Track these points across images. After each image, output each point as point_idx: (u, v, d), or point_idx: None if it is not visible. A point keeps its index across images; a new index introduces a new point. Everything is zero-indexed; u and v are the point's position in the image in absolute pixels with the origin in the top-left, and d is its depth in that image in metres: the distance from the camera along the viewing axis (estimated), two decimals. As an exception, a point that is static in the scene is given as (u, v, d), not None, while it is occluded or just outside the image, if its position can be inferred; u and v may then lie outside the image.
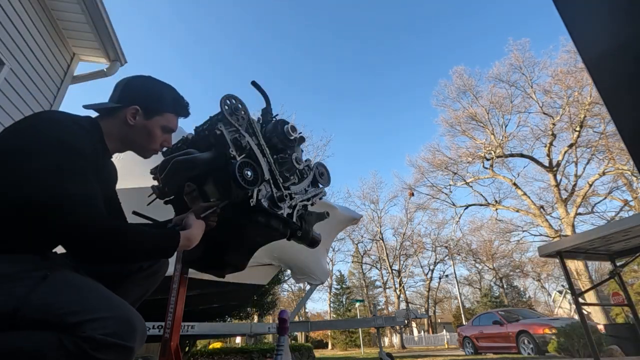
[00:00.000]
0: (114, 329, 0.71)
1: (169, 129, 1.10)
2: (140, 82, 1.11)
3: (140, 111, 1.04)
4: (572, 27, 0.46)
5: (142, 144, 1.08)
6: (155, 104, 1.07)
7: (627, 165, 14.08)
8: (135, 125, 1.04)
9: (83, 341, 0.68)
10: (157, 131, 1.07)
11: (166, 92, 1.11)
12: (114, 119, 1.03)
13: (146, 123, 1.05)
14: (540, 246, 3.23)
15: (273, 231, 1.13)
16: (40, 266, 0.78)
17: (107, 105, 1.04)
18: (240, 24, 55.16)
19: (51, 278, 0.75)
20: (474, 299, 33.02)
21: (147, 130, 1.06)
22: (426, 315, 28.93)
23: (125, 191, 2.79)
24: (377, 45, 50.58)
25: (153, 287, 1.13)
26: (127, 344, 0.72)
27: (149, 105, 1.06)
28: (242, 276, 4.29)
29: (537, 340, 7.68)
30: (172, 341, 1.32)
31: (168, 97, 1.11)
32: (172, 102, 1.11)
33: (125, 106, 1.03)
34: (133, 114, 1.03)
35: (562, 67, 16.16)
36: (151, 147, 1.10)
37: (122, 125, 1.03)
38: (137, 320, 0.76)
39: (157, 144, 1.10)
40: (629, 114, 0.42)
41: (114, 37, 3.90)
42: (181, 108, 1.13)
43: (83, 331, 0.69)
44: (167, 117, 1.09)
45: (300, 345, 7.47)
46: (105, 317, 0.72)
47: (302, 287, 24.49)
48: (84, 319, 0.70)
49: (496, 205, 18.97)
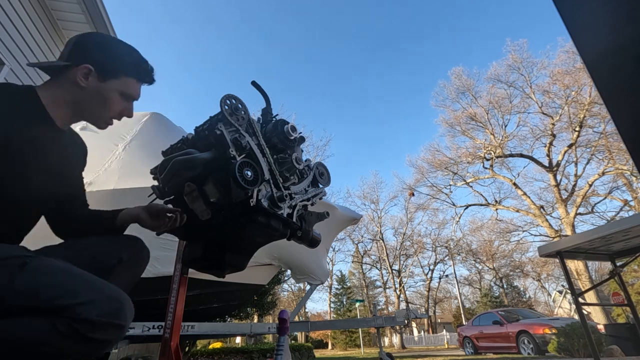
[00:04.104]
0: (105, 309, 0.71)
1: (128, 96, 0.96)
2: (96, 38, 0.95)
3: (93, 71, 0.89)
4: (572, 27, 0.46)
5: (96, 112, 0.93)
6: (112, 64, 0.92)
7: (627, 165, 14.08)
8: (87, 88, 0.89)
9: (77, 323, 0.68)
10: (113, 96, 0.92)
11: (126, 53, 0.96)
12: (62, 81, 0.89)
13: (100, 86, 0.90)
14: (540, 246, 3.23)
15: (273, 231, 1.13)
16: (15, 253, 0.76)
17: (54, 63, 0.90)
18: (240, 28, 55.17)
19: (32, 264, 0.74)
20: (474, 299, 33.03)
21: (102, 95, 0.91)
22: (426, 315, 28.93)
23: (126, 191, 2.80)
24: (377, 45, 50.59)
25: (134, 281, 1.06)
26: (120, 322, 0.72)
27: (104, 66, 0.90)
28: (242, 276, 4.29)
29: (537, 340, 7.68)
30: (172, 341, 1.32)
31: (128, 58, 0.96)
32: (133, 64, 0.96)
33: (76, 64, 0.88)
34: (85, 73, 0.89)
35: (560, 67, 16.18)
36: (107, 115, 0.95)
37: (71, 87, 0.89)
38: (125, 299, 0.76)
39: (115, 112, 0.96)
40: (628, 114, 0.42)
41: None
42: (143, 72, 0.98)
43: (76, 313, 0.68)
44: (127, 81, 0.94)
45: (300, 345, 7.47)
46: (96, 298, 0.71)
47: (302, 287, 24.50)
48: (76, 301, 0.69)
49: (496, 205, 18.97)
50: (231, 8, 54.70)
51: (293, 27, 53.64)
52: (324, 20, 52.11)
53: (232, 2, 54.26)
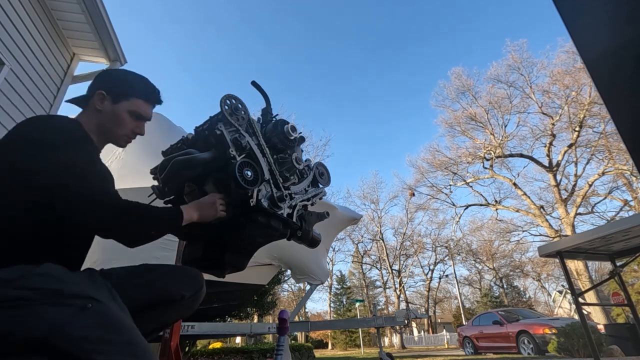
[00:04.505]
0: None
1: (137, 115, 1.09)
2: (109, 71, 1.15)
3: (106, 95, 1.05)
4: (572, 27, 0.46)
5: (112, 130, 1.07)
6: (121, 87, 1.08)
7: (627, 165, 14.08)
8: (103, 111, 1.04)
9: None
10: (124, 116, 1.07)
11: (135, 79, 1.12)
12: (88, 111, 1.05)
13: (114, 107, 1.05)
14: (540, 246, 3.23)
15: (273, 231, 1.13)
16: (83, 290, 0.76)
17: (81, 95, 1.06)
18: (240, 28, 55.19)
19: (93, 310, 0.73)
20: (474, 299, 33.02)
21: (115, 115, 1.05)
22: (426, 315, 28.93)
23: (126, 191, 2.80)
24: (377, 45, 50.60)
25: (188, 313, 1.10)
26: None
27: (115, 89, 1.06)
28: (242, 276, 4.29)
29: (537, 340, 7.68)
30: (172, 341, 1.32)
31: (136, 83, 1.11)
32: (141, 87, 1.11)
33: (93, 93, 1.05)
34: (101, 98, 1.04)
35: (560, 67, 16.18)
36: (120, 133, 1.09)
37: (94, 113, 1.04)
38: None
39: (127, 130, 1.09)
40: (628, 114, 0.42)
41: (113, 37, 3.90)
42: (150, 93, 1.12)
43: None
44: (136, 102, 1.09)
45: (300, 345, 7.47)
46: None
47: (302, 287, 24.50)
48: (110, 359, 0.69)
49: (496, 205, 18.97)
50: (231, 8, 54.75)
51: (293, 27, 53.69)
52: (324, 21, 52.15)
53: (232, 2, 54.33)
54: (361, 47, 51.47)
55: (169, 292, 0.97)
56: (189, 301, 1.02)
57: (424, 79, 51.12)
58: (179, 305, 1.00)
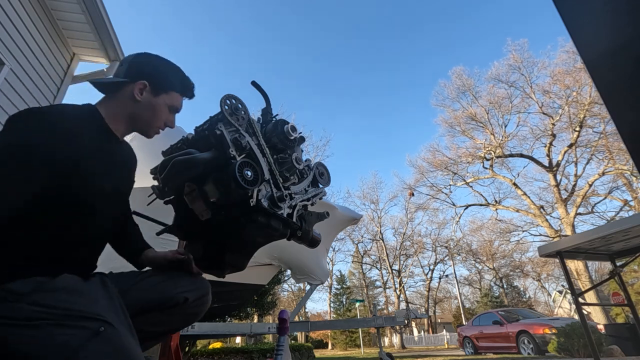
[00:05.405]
0: None
1: (174, 109, 1.10)
2: (149, 58, 1.08)
3: (148, 87, 1.02)
4: (572, 27, 0.45)
5: (148, 121, 1.06)
6: (164, 80, 1.06)
7: (627, 165, 14.08)
8: (141, 102, 1.02)
9: None
10: (163, 109, 1.06)
11: (174, 71, 1.11)
12: (119, 96, 1.01)
13: (153, 99, 1.03)
14: (540, 246, 3.23)
15: (273, 231, 1.13)
16: (96, 309, 0.76)
17: (114, 80, 1.00)
18: (239, 24, 55.21)
19: (105, 335, 0.72)
20: (474, 299, 33.03)
21: (153, 107, 1.04)
22: (426, 315, 28.92)
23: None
24: (376, 45, 50.63)
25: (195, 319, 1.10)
26: None
27: (157, 82, 1.04)
28: (242, 276, 4.29)
29: (537, 340, 7.69)
30: (172, 341, 1.32)
31: (176, 76, 1.10)
32: (179, 81, 1.10)
33: (133, 81, 1.01)
34: (141, 89, 1.01)
35: (561, 67, 16.18)
36: (155, 125, 1.08)
37: (128, 102, 1.01)
38: None
39: (162, 122, 1.09)
40: (628, 114, 0.42)
41: (114, 37, 3.89)
42: (187, 88, 1.13)
43: None
44: (174, 96, 1.08)
45: (300, 345, 7.47)
46: None
47: (302, 287, 24.50)
48: None
49: (496, 205, 18.97)
50: (231, 7, 54.73)
51: (293, 27, 53.67)
52: (324, 21, 52.15)
53: (231, 2, 54.30)
54: (362, 46, 51.51)
55: (172, 294, 1.00)
56: (194, 305, 1.04)
57: (425, 78, 51.16)
58: (184, 309, 1.02)
